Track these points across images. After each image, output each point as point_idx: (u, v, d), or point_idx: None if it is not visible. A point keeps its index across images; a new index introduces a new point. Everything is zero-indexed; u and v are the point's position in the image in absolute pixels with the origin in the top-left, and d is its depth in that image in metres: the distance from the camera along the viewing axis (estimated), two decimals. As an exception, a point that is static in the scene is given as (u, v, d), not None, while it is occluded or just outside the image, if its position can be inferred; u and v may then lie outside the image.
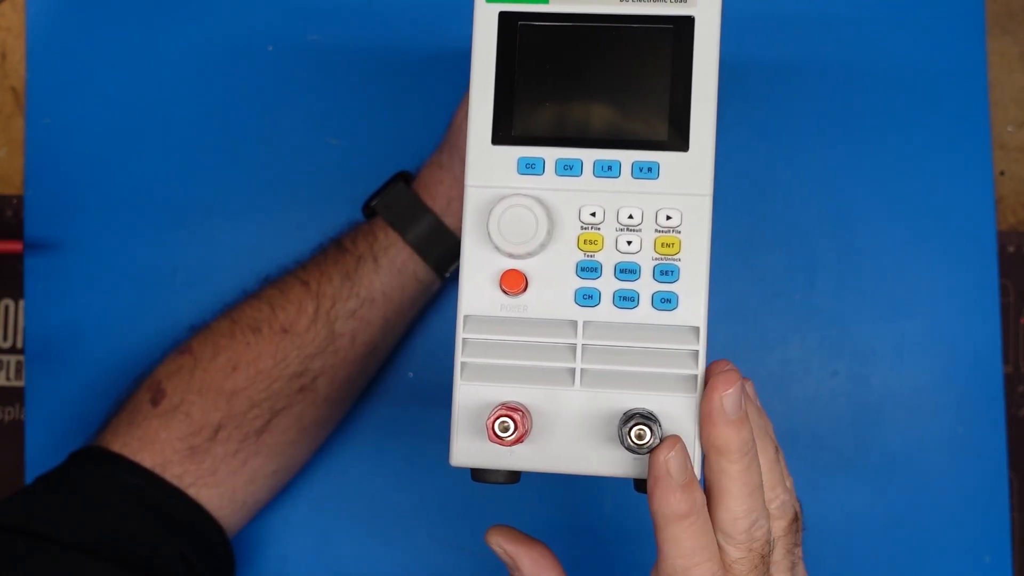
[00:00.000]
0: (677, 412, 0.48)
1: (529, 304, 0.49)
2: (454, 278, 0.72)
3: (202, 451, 0.63)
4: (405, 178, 0.69)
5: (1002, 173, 0.75)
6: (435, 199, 0.67)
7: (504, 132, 0.49)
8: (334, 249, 0.67)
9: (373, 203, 0.68)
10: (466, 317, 0.49)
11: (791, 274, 0.74)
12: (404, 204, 0.67)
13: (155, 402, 0.64)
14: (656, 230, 0.48)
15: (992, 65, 0.75)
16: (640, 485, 0.49)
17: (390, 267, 0.66)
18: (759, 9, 0.74)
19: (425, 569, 0.73)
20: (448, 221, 0.67)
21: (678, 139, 0.48)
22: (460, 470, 0.73)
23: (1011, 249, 0.74)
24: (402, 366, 0.74)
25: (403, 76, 0.75)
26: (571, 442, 0.48)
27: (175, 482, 0.63)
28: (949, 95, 0.74)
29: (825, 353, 0.73)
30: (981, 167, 0.74)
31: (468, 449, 0.48)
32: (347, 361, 0.66)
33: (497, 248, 0.48)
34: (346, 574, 0.73)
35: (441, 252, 0.67)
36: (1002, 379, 0.73)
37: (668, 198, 0.48)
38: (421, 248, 0.66)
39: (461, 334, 0.49)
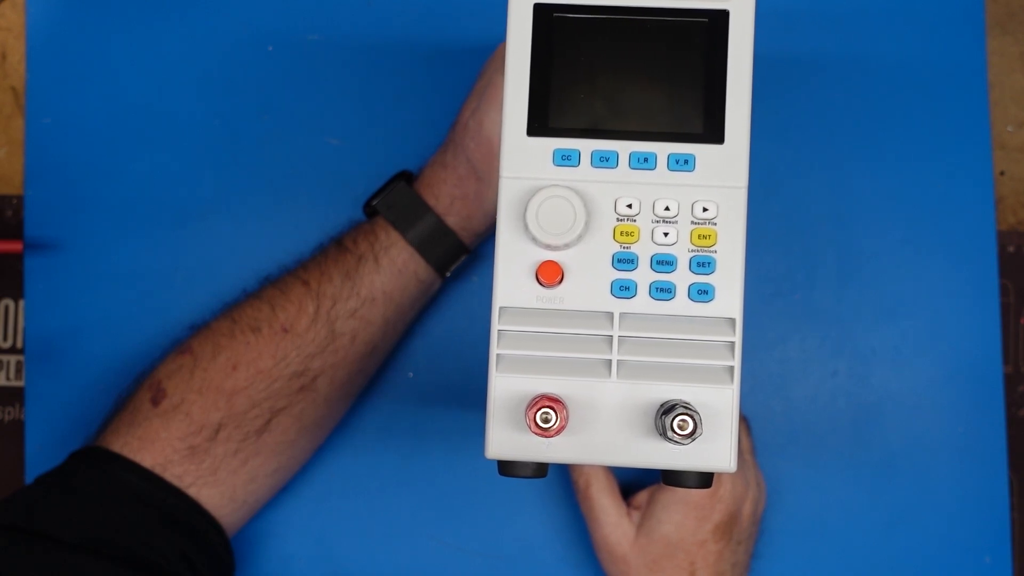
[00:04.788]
0: (714, 403, 0.48)
1: (565, 296, 0.49)
2: (455, 278, 0.72)
3: (202, 451, 0.63)
4: (407, 177, 0.69)
5: (1002, 173, 0.75)
6: (438, 198, 0.67)
7: (540, 124, 0.49)
8: (335, 249, 0.67)
9: (374, 202, 0.68)
10: (502, 309, 0.49)
11: (791, 274, 0.74)
12: (405, 203, 0.67)
13: (155, 402, 0.64)
14: (692, 222, 0.49)
15: (992, 65, 0.75)
16: (670, 476, 0.49)
17: (391, 267, 0.66)
18: (758, 8, 0.74)
19: (425, 569, 0.73)
20: (450, 220, 0.67)
21: (714, 131, 0.49)
22: (458, 470, 0.73)
23: (1011, 249, 0.74)
24: (402, 366, 0.74)
25: (403, 75, 0.75)
26: (607, 433, 0.48)
27: (175, 482, 0.63)
28: (949, 95, 0.74)
29: (825, 353, 0.73)
30: (981, 167, 0.74)
31: (504, 441, 0.48)
32: (347, 361, 0.66)
33: (534, 239, 0.48)
34: (346, 574, 0.73)
35: (442, 252, 0.67)
36: (1002, 379, 0.73)
37: (704, 190, 0.49)
38: (422, 248, 0.66)
39: (497, 326, 0.49)
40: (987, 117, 0.74)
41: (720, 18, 0.49)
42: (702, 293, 0.48)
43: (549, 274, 0.48)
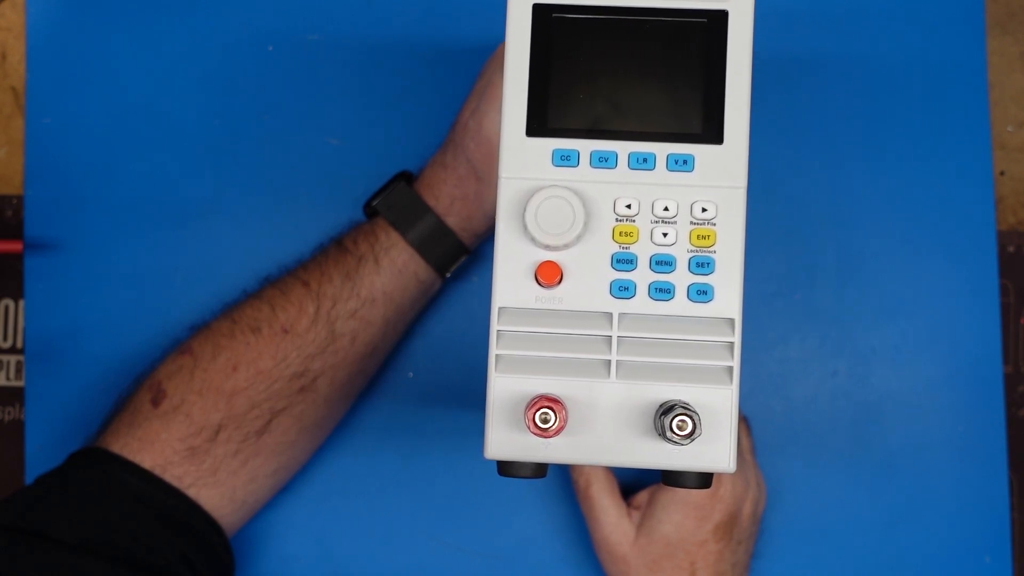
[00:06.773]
0: (713, 403, 0.48)
1: (564, 296, 0.49)
2: (455, 278, 0.72)
3: (202, 452, 0.63)
4: (407, 178, 0.69)
5: (1002, 173, 0.75)
6: (438, 199, 0.67)
7: (539, 124, 0.49)
8: (335, 249, 0.67)
9: (374, 203, 0.68)
10: (501, 309, 0.49)
11: (791, 274, 0.74)
12: (405, 204, 0.67)
13: (156, 403, 0.64)
14: (692, 222, 0.49)
15: (992, 65, 0.75)
16: (670, 477, 0.49)
17: (391, 267, 0.66)
18: (757, 8, 0.74)
19: (425, 569, 0.73)
20: (450, 221, 0.67)
21: (713, 132, 0.49)
22: (458, 470, 0.73)
23: (1011, 249, 0.74)
24: (402, 366, 0.74)
25: (403, 76, 0.75)
26: (606, 434, 0.48)
27: (175, 483, 0.63)
28: (949, 95, 0.74)
29: (825, 353, 0.73)
30: (981, 167, 0.74)
31: (503, 441, 0.48)
32: (347, 361, 0.66)
33: (533, 240, 0.48)
34: (346, 574, 0.73)
35: (442, 252, 0.67)
36: (1002, 379, 0.73)
37: (703, 190, 0.49)
38: (422, 248, 0.66)
39: (496, 326, 0.49)
40: (987, 117, 0.74)
41: (719, 18, 0.49)
42: (701, 293, 0.48)
43: (548, 274, 0.48)
